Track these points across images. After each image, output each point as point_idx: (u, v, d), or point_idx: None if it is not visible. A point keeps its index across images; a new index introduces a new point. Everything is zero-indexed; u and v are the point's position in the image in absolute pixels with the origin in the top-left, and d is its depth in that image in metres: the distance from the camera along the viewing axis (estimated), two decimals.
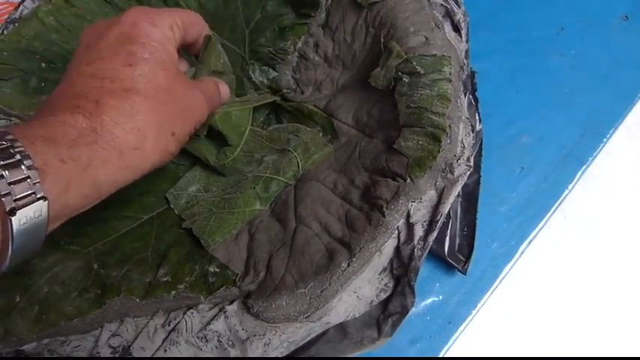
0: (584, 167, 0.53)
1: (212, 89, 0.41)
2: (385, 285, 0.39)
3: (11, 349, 0.36)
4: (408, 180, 0.39)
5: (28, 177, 0.23)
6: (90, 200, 0.28)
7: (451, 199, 0.39)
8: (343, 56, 0.49)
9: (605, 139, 0.54)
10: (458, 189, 0.40)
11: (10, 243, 0.24)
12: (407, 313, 0.38)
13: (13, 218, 0.23)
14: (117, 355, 0.36)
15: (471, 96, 0.48)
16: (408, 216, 0.39)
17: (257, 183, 0.46)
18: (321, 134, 0.48)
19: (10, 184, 0.23)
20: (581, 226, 0.52)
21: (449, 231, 0.48)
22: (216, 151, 0.46)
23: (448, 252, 0.48)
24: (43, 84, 0.44)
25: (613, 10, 0.60)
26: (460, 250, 0.48)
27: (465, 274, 0.48)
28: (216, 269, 0.41)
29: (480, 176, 0.49)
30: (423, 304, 0.49)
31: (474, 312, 0.49)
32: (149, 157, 0.31)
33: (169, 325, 0.37)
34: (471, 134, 0.43)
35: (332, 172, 0.46)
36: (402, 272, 0.39)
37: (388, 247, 0.39)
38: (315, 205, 0.44)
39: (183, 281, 0.40)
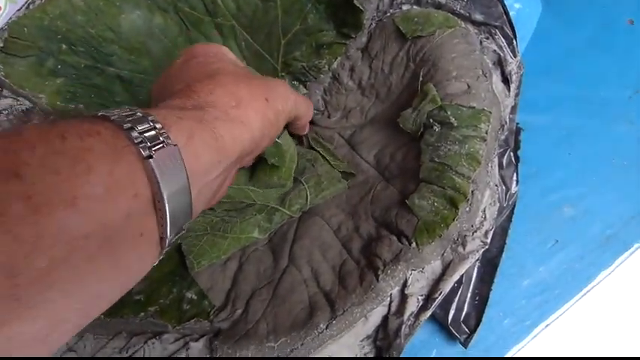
0: (627, 254, 0.47)
1: (303, 96, 0.43)
2: (365, 354, 0.35)
3: None
4: (413, 244, 0.35)
5: (154, 128, 0.24)
6: (217, 156, 0.28)
7: (455, 276, 0.35)
8: (378, 87, 0.44)
9: None
10: (466, 267, 0.35)
11: (161, 193, 0.23)
12: None
13: (152, 162, 0.22)
14: None
15: (512, 154, 0.43)
16: (405, 285, 0.35)
17: (261, 212, 0.43)
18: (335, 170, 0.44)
19: (140, 134, 0.23)
20: (611, 319, 0.46)
21: (457, 297, 0.43)
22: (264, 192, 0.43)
23: (452, 320, 0.43)
24: (59, 66, 0.42)
25: None
26: (466, 320, 0.43)
27: (465, 348, 0.43)
28: (193, 296, 0.39)
29: (506, 243, 0.44)
30: None
31: None
32: (250, 115, 0.32)
33: (127, 352, 0.35)
34: (497, 204, 0.38)
35: (340, 211, 0.42)
36: (385, 345, 0.35)
37: (376, 314, 0.35)
38: (312, 246, 0.40)
39: (156, 303, 0.37)
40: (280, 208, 0.42)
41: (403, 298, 0.35)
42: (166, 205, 0.23)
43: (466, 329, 0.43)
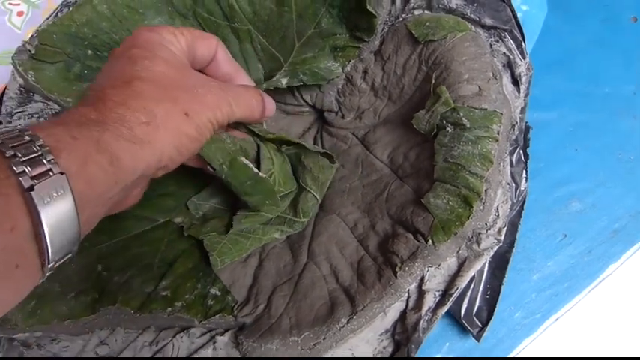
0: (634, 248, 0.49)
1: (249, 93, 0.38)
2: (384, 348, 0.37)
3: (5, 335, 0.37)
4: (430, 242, 0.37)
5: (41, 154, 0.23)
6: (114, 178, 0.26)
7: (471, 272, 0.36)
8: (390, 88, 0.46)
9: None
10: (481, 263, 0.37)
11: (41, 225, 0.22)
12: None
13: (33, 194, 0.22)
14: None
15: (521, 152, 0.45)
16: (422, 281, 0.37)
17: (282, 224, 0.45)
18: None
19: (23, 162, 0.22)
20: (620, 311, 0.48)
21: (470, 291, 0.45)
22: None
23: (464, 313, 0.45)
24: (85, 71, 0.44)
25: None
26: (478, 313, 0.45)
27: (478, 341, 0.45)
28: (217, 292, 0.40)
29: (516, 239, 0.45)
30: None
31: None
32: (162, 134, 0.29)
33: (157, 345, 0.37)
34: (509, 202, 0.39)
35: (356, 209, 0.43)
36: (403, 339, 0.36)
37: (394, 309, 0.37)
38: (330, 243, 0.42)
39: (181, 298, 0.39)
40: (297, 219, 0.44)
41: (420, 293, 0.36)
42: (47, 236, 0.23)
43: (478, 323, 0.45)
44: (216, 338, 0.37)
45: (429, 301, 0.36)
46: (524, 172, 0.44)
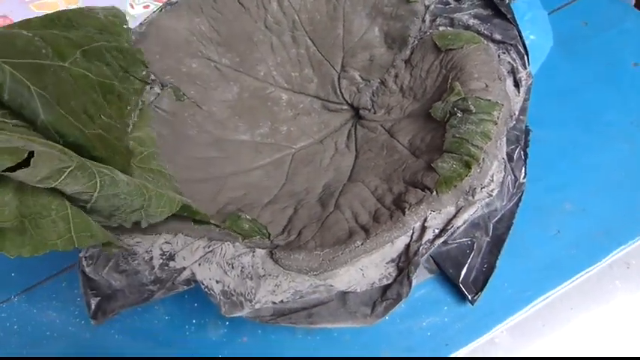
0: (622, 247, 0.55)
1: None
2: (389, 273, 0.45)
3: None
4: (434, 193, 0.45)
5: None
6: None
7: (465, 216, 0.45)
8: (415, 89, 0.56)
9: None
10: (474, 209, 0.45)
11: None
12: (400, 300, 0.44)
13: None
14: (164, 258, 0.45)
15: (522, 151, 0.53)
16: (425, 221, 0.45)
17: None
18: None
19: None
20: (601, 300, 0.54)
21: (469, 261, 0.52)
22: None
23: (462, 279, 0.52)
24: None
25: None
26: (475, 281, 0.52)
27: (472, 305, 0.52)
28: (247, 216, 0.49)
29: (513, 224, 0.53)
30: (428, 320, 0.53)
31: (472, 343, 0.52)
32: None
33: (209, 248, 0.46)
34: (503, 172, 0.48)
35: (377, 178, 0.53)
36: (405, 266, 0.44)
37: (400, 242, 0.45)
38: (354, 199, 0.51)
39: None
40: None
41: (423, 229, 0.45)
42: None
43: (474, 289, 0.52)
44: (255, 250, 0.46)
45: (429, 234, 0.44)
46: (523, 168, 0.53)
